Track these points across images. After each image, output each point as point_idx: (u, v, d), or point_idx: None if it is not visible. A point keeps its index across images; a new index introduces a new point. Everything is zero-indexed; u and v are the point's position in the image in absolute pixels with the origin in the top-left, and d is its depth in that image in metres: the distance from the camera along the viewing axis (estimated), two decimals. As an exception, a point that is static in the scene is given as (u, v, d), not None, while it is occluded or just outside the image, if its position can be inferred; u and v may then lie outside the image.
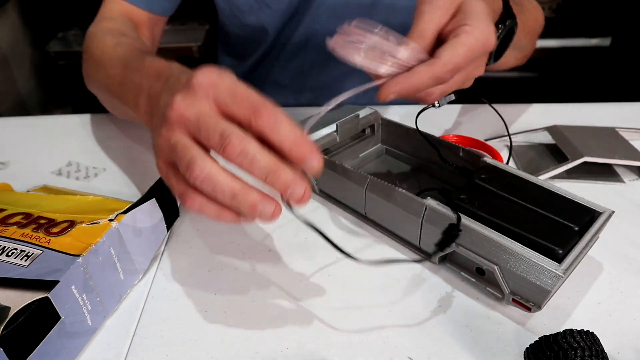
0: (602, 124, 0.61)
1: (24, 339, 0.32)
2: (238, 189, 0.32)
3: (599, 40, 1.57)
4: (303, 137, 0.32)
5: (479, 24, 0.37)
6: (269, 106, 0.32)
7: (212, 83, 0.33)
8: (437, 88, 0.39)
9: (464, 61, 0.37)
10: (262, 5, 0.70)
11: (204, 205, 0.34)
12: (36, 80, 1.76)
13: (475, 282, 0.42)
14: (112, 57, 0.54)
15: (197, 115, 0.33)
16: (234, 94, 0.32)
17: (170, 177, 0.35)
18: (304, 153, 0.32)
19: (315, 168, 0.32)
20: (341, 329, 0.38)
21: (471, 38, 0.37)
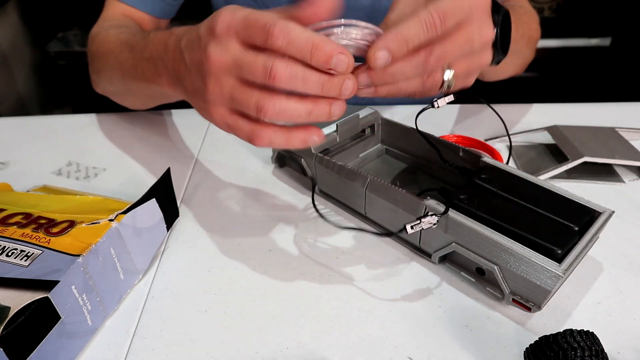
0: (602, 124, 0.61)
1: (24, 339, 0.32)
2: (311, 106, 0.34)
3: (599, 40, 1.57)
4: (320, 40, 0.32)
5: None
6: (278, 24, 0.32)
7: (229, 23, 0.34)
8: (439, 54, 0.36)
9: (455, 9, 0.36)
10: (261, 7, 0.70)
11: (273, 137, 0.35)
12: (36, 80, 1.76)
13: (475, 282, 0.42)
14: (117, 43, 0.55)
15: (234, 58, 0.34)
16: (247, 26, 0.33)
17: (237, 123, 0.36)
18: (326, 55, 0.32)
19: (344, 62, 0.33)
20: (341, 329, 0.38)
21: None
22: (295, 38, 0.32)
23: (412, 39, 0.35)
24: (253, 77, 0.34)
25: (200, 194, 0.54)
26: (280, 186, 0.55)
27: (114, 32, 0.57)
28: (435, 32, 0.36)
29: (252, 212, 0.51)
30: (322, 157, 0.49)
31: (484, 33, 0.38)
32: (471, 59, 0.38)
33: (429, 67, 0.36)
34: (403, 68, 0.36)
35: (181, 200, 0.53)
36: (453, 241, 0.40)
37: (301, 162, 0.51)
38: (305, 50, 0.32)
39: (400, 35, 0.35)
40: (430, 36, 0.36)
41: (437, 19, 0.35)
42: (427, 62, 0.36)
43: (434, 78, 0.37)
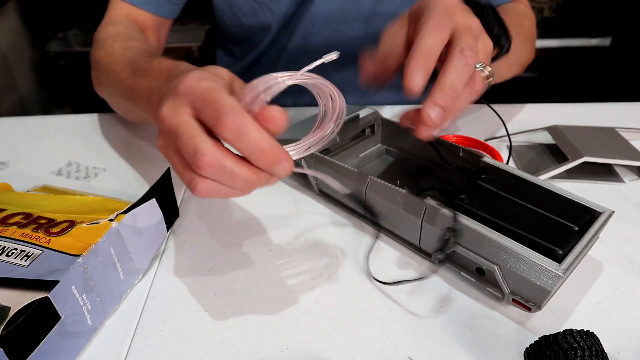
0: (602, 124, 0.61)
1: (24, 339, 0.32)
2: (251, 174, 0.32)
3: (599, 40, 1.57)
4: (268, 145, 0.31)
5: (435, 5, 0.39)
6: (232, 115, 0.31)
7: (190, 90, 0.32)
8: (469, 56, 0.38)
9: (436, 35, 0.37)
10: (263, 8, 0.70)
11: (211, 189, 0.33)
12: (36, 80, 1.76)
13: (475, 282, 0.42)
14: (121, 61, 0.55)
15: (177, 124, 0.32)
16: (204, 101, 0.32)
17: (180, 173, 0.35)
18: (271, 161, 0.31)
19: (283, 173, 0.32)
20: (341, 329, 0.38)
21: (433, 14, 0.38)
22: (245, 137, 0.31)
23: (457, 86, 0.37)
24: (184, 153, 0.33)
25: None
26: (280, 186, 0.55)
27: (119, 47, 0.57)
28: (472, 67, 0.38)
29: (252, 212, 0.51)
30: (322, 157, 0.49)
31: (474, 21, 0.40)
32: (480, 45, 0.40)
33: (476, 87, 0.39)
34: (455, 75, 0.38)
35: (181, 200, 0.53)
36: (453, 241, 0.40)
37: (301, 162, 0.51)
38: (252, 152, 0.31)
39: (445, 89, 0.37)
40: (470, 72, 0.38)
41: (471, 56, 0.38)
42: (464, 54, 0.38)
43: (479, 80, 0.39)
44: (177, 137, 0.32)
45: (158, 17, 0.67)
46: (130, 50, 0.56)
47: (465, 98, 0.39)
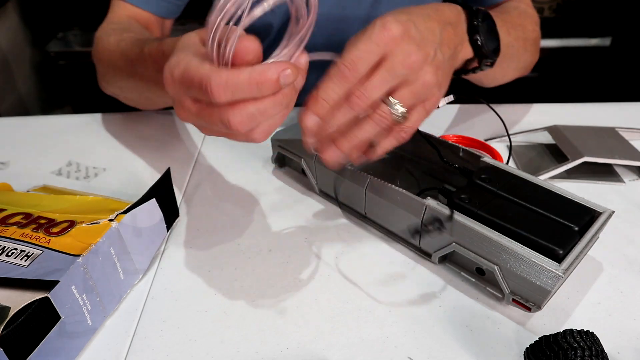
0: (602, 124, 0.61)
1: (24, 339, 0.32)
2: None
3: (599, 40, 1.57)
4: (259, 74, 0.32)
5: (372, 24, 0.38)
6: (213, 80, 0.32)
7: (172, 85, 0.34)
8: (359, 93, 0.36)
9: (363, 54, 0.36)
10: None
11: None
12: (36, 80, 1.76)
13: (475, 282, 0.42)
14: (117, 53, 0.56)
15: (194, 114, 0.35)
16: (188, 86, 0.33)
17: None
18: (273, 82, 0.32)
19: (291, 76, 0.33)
20: (341, 329, 0.38)
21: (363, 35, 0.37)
22: (236, 86, 0.32)
23: (329, 96, 0.37)
24: (218, 132, 0.36)
25: (200, 194, 0.54)
26: (280, 186, 0.55)
27: (114, 40, 0.58)
28: (350, 81, 0.36)
29: (252, 212, 0.51)
30: (322, 157, 0.49)
31: (406, 58, 0.37)
32: (411, 85, 0.38)
33: (355, 105, 0.37)
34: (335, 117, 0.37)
35: (181, 200, 0.53)
36: (453, 241, 0.40)
37: (301, 162, 0.51)
38: (251, 91, 0.32)
39: (317, 97, 0.37)
40: (347, 86, 0.37)
41: (346, 69, 0.36)
42: (352, 103, 0.37)
43: (381, 113, 0.37)
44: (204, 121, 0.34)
45: (158, 17, 0.67)
46: (124, 40, 0.57)
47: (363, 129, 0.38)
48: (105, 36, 0.60)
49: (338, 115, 0.37)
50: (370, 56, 0.37)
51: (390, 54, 0.37)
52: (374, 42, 0.37)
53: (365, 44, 0.37)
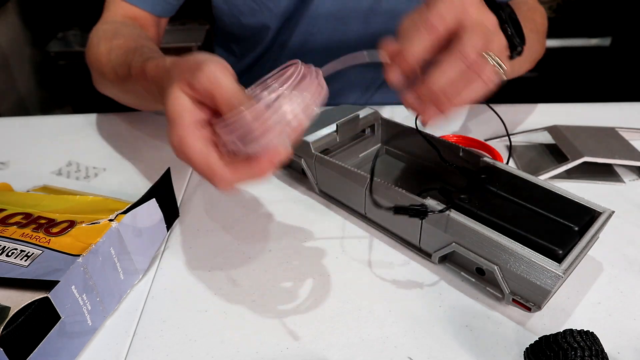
0: (602, 124, 0.61)
1: (24, 339, 0.32)
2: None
3: (599, 40, 1.57)
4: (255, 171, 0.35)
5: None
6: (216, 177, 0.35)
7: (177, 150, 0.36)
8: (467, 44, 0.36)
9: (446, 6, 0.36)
10: (262, 8, 0.70)
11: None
12: (36, 80, 1.76)
13: (475, 282, 0.42)
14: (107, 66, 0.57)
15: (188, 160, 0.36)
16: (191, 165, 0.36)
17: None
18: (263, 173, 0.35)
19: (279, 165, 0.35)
20: (341, 329, 0.38)
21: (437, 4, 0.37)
22: (236, 181, 0.35)
23: (416, 50, 0.37)
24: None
25: (200, 194, 0.54)
26: (280, 186, 0.55)
27: (105, 49, 0.58)
28: (437, 31, 0.36)
29: (252, 212, 0.51)
30: (322, 157, 0.49)
31: (488, 17, 0.38)
32: (493, 42, 0.38)
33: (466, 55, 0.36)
34: (447, 74, 0.36)
35: (181, 200, 0.53)
36: (453, 241, 0.40)
37: (301, 162, 0.51)
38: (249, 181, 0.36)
39: (405, 52, 0.37)
40: (433, 38, 0.36)
41: (434, 19, 0.36)
42: (463, 54, 0.36)
43: (485, 69, 0.37)
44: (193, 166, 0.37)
45: (154, 16, 0.67)
46: (114, 51, 0.57)
47: (470, 87, 0.37)
48: (97, 40, 0.60)
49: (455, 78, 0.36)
50: (456, 10, 0.37)
51: (473, 12, 0.37)
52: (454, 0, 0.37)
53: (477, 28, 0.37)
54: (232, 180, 0.35)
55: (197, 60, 0.37)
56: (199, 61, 0.37)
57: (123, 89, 0.57)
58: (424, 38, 0.37)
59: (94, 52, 0.60)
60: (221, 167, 0.35)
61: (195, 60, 0.37)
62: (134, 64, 0.50)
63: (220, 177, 0.35)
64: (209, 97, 0.36)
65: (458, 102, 0.38)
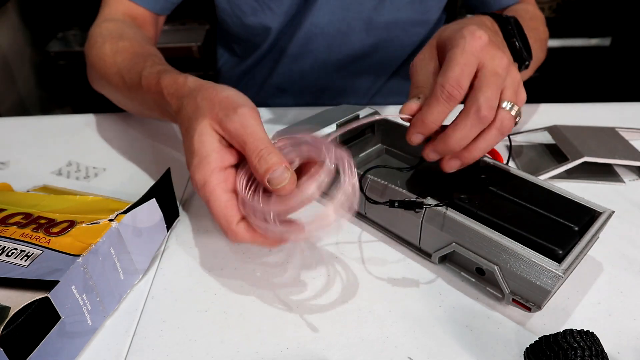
0: (602, 124, 0.61)
1: (24, 339, 0.32)
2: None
3: (599, 40, 1.57)
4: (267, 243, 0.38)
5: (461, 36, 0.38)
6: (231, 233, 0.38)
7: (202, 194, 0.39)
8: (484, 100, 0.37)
9: (464, 68, 0.37)
10: (264, 7, 0.70)
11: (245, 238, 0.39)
12: (36, 80, 1.76)
13: (475, 282, 0.42)
14: (112, 68, 0.56)
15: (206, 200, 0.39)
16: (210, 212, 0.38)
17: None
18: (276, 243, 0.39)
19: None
20: (341, 329, 0.38)
21: (458, 49, 0.38)
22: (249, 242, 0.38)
23: (436, 118, 0.39)
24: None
25: (200, 194, 0.54)
26: (280, 186, 0.55)
27: (110, 51, 0.58)
28: (456, 100, 0.38)
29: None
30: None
31: (500, 61, 0.39)
32: (507, 82, 0.39)
33: (483, 116, 0.38)
34: (464, 133, 0.38)
35: (181, 200, 0.53)
36: (453, 241, 0.40)
37: None
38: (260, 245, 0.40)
39: (425, 120, 0.39)
40: (453, 106, 0.38)
41: (453, 89, 0.37)
42: (479, 115, 0.37)
43: (501, 120, 0.39)
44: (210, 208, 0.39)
45: (152, 13, 0.67)
46: (120, 54, 0.56)
47: (488, 139, 0.39)
48: (101, 40, 0.60)
49: (470, 135, 0.38)
50: (470, 69, 0.38)
51: (486, 61, 0.38)
52: (470, 53, 0.38)
53: (464, 57, 0.38)
54: (243, 240, 0.38)
55: (230, 99, 0.39)
56: (233, 102, 0.39)
57: (128, 96, 0.56)
58: (444, 108, 0.38)
59: (97, 52, 0.59)
60: (237, 225, 0.37)
61: (227, 98, 0.39)
62: (146, 74, 0.49)
63: (234, 234, 0.37)
64: (240, 142, 0.37)
65: (476, 154, 0.40)
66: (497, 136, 0.39)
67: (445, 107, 0.38)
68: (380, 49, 0.74)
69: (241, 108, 0.38)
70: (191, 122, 0.40)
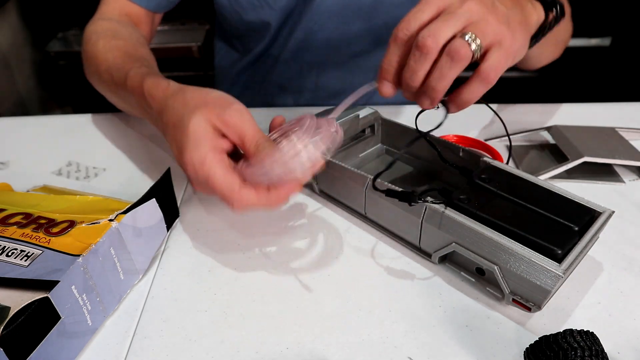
0: (602, 124, 0.61)
1: (24, 339, 0.32)
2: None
3: (599, 40, 1.57)
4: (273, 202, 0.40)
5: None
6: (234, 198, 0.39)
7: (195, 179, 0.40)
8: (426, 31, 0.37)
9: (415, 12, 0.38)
10: (262, 4, 0.70)
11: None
12: (36, 80, 1.76)
13: (475, 282, 0.42)
14: (102, 64, 0.58)
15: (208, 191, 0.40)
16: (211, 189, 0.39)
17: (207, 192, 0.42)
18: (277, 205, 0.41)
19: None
20: (341, 329, 0.38)
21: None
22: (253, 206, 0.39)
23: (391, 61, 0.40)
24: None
25: (200, 194, 0.54)
26: (280, 186, 0.55)
27: (102, 48, 0.59)
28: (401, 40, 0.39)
29: (252, 212, 0.51)
30: (322, 157, 0.49)
31: (465, 3, 0.38)
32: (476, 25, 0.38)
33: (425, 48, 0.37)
34: (410, 66, 0.38)
35: (181, 200, 0.53)
36: (453, 241, 0.40)
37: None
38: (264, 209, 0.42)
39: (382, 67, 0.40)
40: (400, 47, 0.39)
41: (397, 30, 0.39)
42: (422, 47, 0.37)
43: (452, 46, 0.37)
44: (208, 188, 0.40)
45: (148, 11, 0.68)
46: (111, 52, 0.58)
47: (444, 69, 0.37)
48: (95, 37, 0.61)
49: (416, 68, 0.38)
50: (424, 13, 0.38)
51: (447, 5, 0.38)
52: (424, 1, 0.38)
53: (417, 5, 0.38)
54: (250, 202, 0.39)
55: (222, 97, 0.42)
56: (225, 100, 0.42)
57: (116, 93, 0.57)
58: (393, 49, 0.39)
59: (91, 48, 0.60)
60: (242, 187, 0.39)
61: (220, 97, 0.43)
62: (132, 74, 0.51)
63: (239, 197, 0.38)
64: (237, 133, 0.40)
65: (435, 84, 0.38)
66: (450, 64, 0.37)
67: (393, 48, 0.39)
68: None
69: (235, 104, 0.41)
70: (182, 116, 0.41)
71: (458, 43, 0.36)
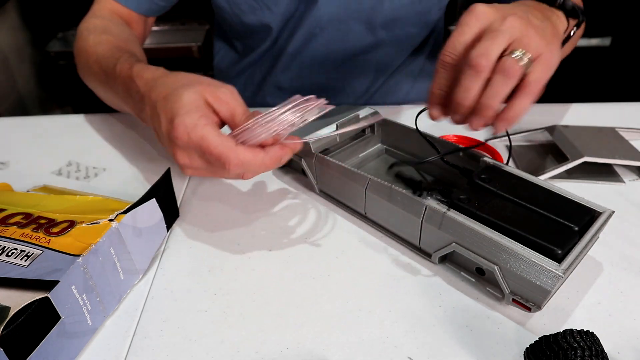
0: (602, 124, 0.61)
1: (24, 339, 0.32)
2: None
3: (599, 40, 1.57)
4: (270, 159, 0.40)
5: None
6: (231, 158, 0.38)
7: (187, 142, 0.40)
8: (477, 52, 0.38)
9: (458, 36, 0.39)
10: (262, 6, 0.70)
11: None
12: (36, 80, 1.76)
13: (475, 282, 0.42)
14: (92, 57, 0.58)
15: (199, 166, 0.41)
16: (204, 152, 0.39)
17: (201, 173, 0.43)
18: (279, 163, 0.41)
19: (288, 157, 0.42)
20: (341, 329, 0.38)
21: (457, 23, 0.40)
22: (249, 166, 0.39)
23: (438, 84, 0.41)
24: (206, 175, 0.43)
25: (200, 194, 0.54)
26: (280, 186, 0.55)
27: (92, 41, 0.60)
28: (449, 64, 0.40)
29: (252, 212, 0.51)
30: (322, 157, 0.49)
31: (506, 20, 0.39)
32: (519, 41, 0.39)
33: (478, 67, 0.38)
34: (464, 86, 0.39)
35: (181, 200, 0.53)
36: (453, 241, 0.40)
37: (301, 162, 0.51)
38: (260, 169, 0.40)
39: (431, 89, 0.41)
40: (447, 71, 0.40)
41: (443, 55, 0.39)
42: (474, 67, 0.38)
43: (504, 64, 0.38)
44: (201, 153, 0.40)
45: (140, 15, 0.68)
46: (101, 45, 0.58)
47: (497, 86, 0.39)
48: (86, 32, 0.62)
49: (469, 87, 0.39)
50: (466, 35, 0.39)
51: (488, 24, 0.39)
52: (464, 23, 0.39)
53: (458, 28, 0.39)
54: (246, 159, 0.38)
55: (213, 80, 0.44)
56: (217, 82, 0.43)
57: (106, 83, 0.57)
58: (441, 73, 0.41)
59: (82, 43, 0.61)
60: (237, 147, 0.38)
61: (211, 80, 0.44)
62: (122, 61, 0.51)
63: (236, 154, 0.38)
64: (228, 108, 0.41)
65: (490, 102, 0.40)
66: (504, 81, 0.38)
67: (442, 73, 0.40)
68: (379, 48, 0.74)
69: (227, 86, 0.42)
70: (175, 89, 0.42)
71: (510, 60, 0.38)
